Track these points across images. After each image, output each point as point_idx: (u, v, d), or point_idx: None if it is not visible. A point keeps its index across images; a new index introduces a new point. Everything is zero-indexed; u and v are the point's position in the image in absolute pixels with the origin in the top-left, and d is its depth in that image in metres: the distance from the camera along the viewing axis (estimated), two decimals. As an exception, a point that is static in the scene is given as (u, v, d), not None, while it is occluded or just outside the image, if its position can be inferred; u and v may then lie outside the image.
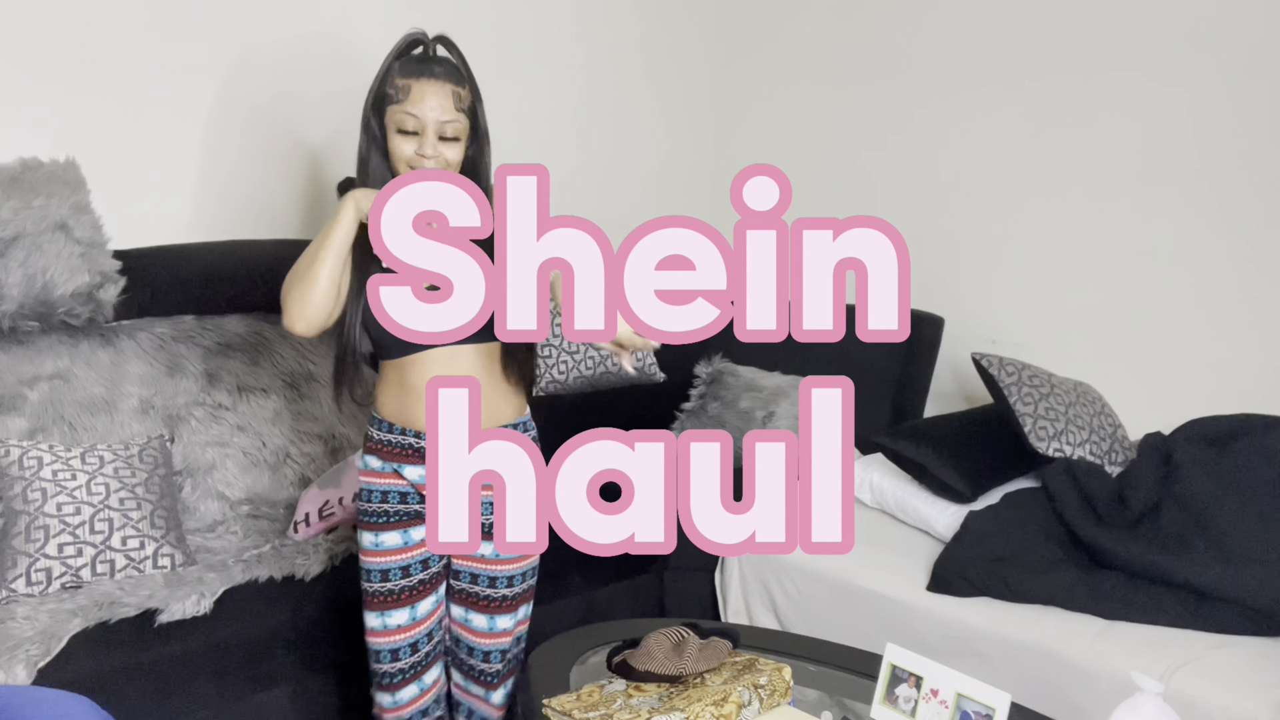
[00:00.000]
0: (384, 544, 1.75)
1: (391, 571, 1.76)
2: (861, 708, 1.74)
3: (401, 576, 1.76)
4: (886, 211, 3.35)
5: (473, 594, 1.79)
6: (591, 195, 3.54)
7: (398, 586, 1.76)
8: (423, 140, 1.66)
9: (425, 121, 1.66)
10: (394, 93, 1.67)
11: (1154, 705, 1.45)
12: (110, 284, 2.36)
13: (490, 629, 1.80)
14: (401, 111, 1.66)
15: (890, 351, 3.13)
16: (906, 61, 3.25)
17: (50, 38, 2.46)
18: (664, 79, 3.70)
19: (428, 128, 1.66)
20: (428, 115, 1.65)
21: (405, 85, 1.66)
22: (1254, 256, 2.59)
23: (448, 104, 1.67)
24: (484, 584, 1.78)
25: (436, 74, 1.67)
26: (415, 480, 1.74)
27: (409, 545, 1.76)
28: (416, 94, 1.65)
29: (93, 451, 2.19)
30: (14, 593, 2.00)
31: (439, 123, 1.66)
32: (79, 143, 2.45)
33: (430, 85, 1.66)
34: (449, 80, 1.68)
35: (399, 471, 1.75)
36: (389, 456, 1.75)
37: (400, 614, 1.77)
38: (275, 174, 2.85)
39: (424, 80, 1.66)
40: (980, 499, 2.49)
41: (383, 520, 1.75)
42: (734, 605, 2.67)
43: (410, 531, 1.76)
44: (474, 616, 1.80)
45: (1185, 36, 2.65)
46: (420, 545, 1.77)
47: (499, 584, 1.78)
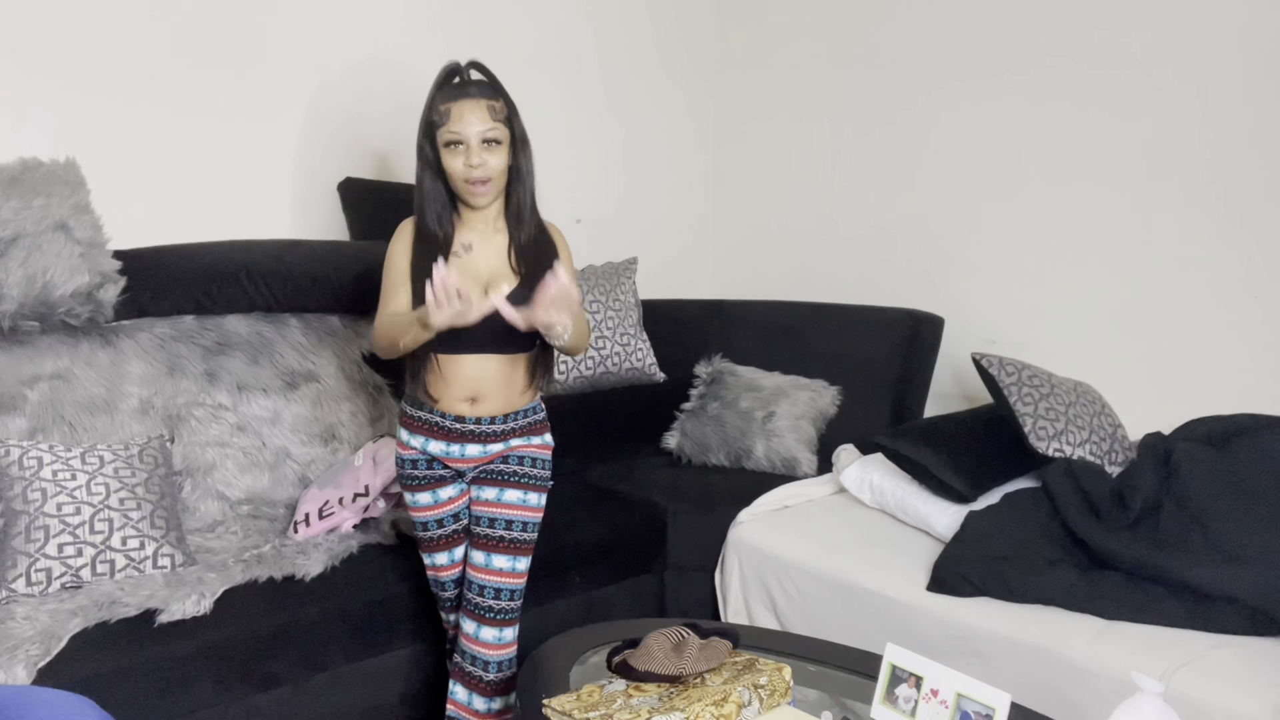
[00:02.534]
0: (419, 502, 2.08)
1: (429, 523, 2.09)
2: (861, 708, 1.74)
3: (437, 527, 2.09)
4: (887, 211, 3.36)
5: (496, 538, 2.04)
6: (592, 197, 3.55)
7: (434, 535, 2.10)
8: (468, 152, 1.91)
9: (467, 135, 1.90)
10: (439, 118, 1.92)
11: (1154, 705, 1.45)
12: (110, 284, 2.36)
13: (486, 565, 2.05)
14: (447, 131, 1.91)
15: (890, 351, 3.14)
16: (906, 61, 3.25)
17: (51, 38, 2.46)
18: (664, 82, 3.70)
19: (470, 140, 1.91)
20: (469, 130, 1.90)
21: (447, 109, 1.91)
22: (1254, 257, 2.59)
23: (485, 116, 1.91)
24: (500, 526, 2.05)
25: (472, 94, 1.92)
26: (438, 453, 2.03)
27: (438, 503, 2.07)
28: (457, 114, 1.90)
29: (93, 451, 2.19)
30: (14, 593, 2.00)
31: (479, 134, 1.91)
32: (79, 143, 2.46)
33: (468, 104, 1.91)
34: (483, 97, 1.92)
35: (424, 447, 2.04)
36: (418, 430, 2.04)
37: (440, 556, 2.11)
38: (275, 174, 2.86)
39: (462, 101, 1.91)
40: (980, 499, 2.49)
41: (414, 484, 2.07)
42: (734, 605, 2.67)
43: (438, 491, 2.06)
44: (475, 553, 2.06)
45: (1186, 35, 2.65)
46: (448, 504, 2.07)
47: (514, 528, 2.05)
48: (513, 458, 2.06)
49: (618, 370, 3.15)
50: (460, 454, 2.04)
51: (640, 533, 2.71)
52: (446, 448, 2.04)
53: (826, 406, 3.15)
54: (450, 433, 2.02)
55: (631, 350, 3.17)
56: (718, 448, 3.13)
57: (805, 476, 3.00)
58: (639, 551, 2.71)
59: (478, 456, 2.04)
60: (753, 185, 3.77)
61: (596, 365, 3.10)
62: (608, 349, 3.12)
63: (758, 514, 2.74)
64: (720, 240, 3.91)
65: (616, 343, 3.14)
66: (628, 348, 3.16)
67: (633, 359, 3.17)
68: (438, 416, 2.02)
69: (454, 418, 2.01)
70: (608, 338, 3.12)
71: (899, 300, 3.26)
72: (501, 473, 2.05)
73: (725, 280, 3.88)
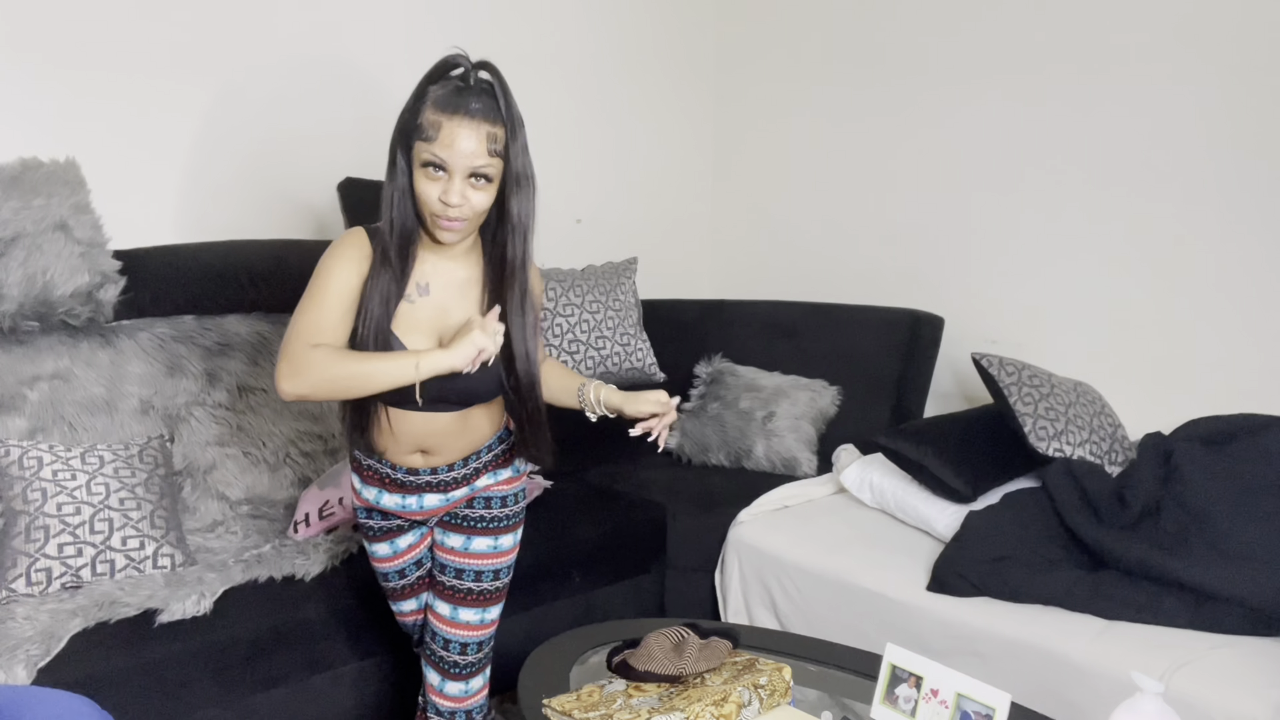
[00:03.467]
0: (378, 553, 1.88)
1: (390, 575, 1.90)
2: (861, 708, 1.75)
3: (398, 578, 1.90)
4: (887, 211, 3.36)
5: (448, 586, 1.82)
6: (592, 197, 3.55)
7: (398, 585, 1.91)
8: (449, 185, 1.54)
9: (453, 165, 1.53)
10: (424, 127, 1.53)
11: (1154, 705, 1.45)
12: (110, 284, 2.36)
13: (451, 618, 1.82)
14: (429, 151, 1.53)
15: (890, 351, 3.14)
16: (905, 62, 3.25)
17: (51, 38, 2.46)
18: (665, 82, 3.70)
19: (456, 171, 1.53)
20: (456, 160, 1.52)
21: (436, 122, 1.52)
22: (1254, 257, 2.59)
23: (480, 148, 1.53)
24: (469, 578, 1.80)
25: (472, 112, 1.53)
26: (393, 507, 1.79)
27: (397, 553, 1.87)
28: (447, 135, 1.52)
29: (93, 451, 2.19)
30: (14, 593, 2.00)
31: (468, 166, 1.53)
32: (79, 143, 2.46)
33: (463, 126, 1.52)
34: (484, 120, 1.53)
35: (377, 500, 1.79)
36: (370, 480, 1.79)
37: (408, 604, 1.93)
38: (275, 174, 2.85)
39: (457, 119, 1.52)
40: (980, 499, 2.49)
41: (370, 534, 1.87)
42: (734, 605, 2.67)
43: (396, 541, 1.85)
44: (440, 605, 1.83)
45: (1186, 35, 2.65)
46: (407, 551, 1.86)
47: (484, 578, 1.82)
48: (479, 500, 1.79)
49: (618, 370, 3.15)
50: (418, 506, 1.77)
51: (640, 533, 2.70)
52: (402, 500, 1.76)
53: (826, 406, 3.15)
54: (405, 485, 1.75)
55: (631, 350, 3.17)
56: (718, 448, 3.13)
57: (805, 476, 3.00)
58: (639, 551, 2.70)
59: (438, 506, 1.78)
60: (753, 185, 3.77)
61: (596, 365, 3.10)
62: (608, 349, 3.12)
63: (758, 514, 2.74)
64: (720, 240, 3.91)
65: (616, 343, 3.14)
66: (628, 348, 3.16)
67: (633, 359, 3.17)
68: (387, 468, 1.74)
69: (405, 470, 1.74)
70: (608, 338, 3.12)
71: (899, 300, 3.26)
72: (467, 518, 1.78)
73: (725, 280, 3.88)
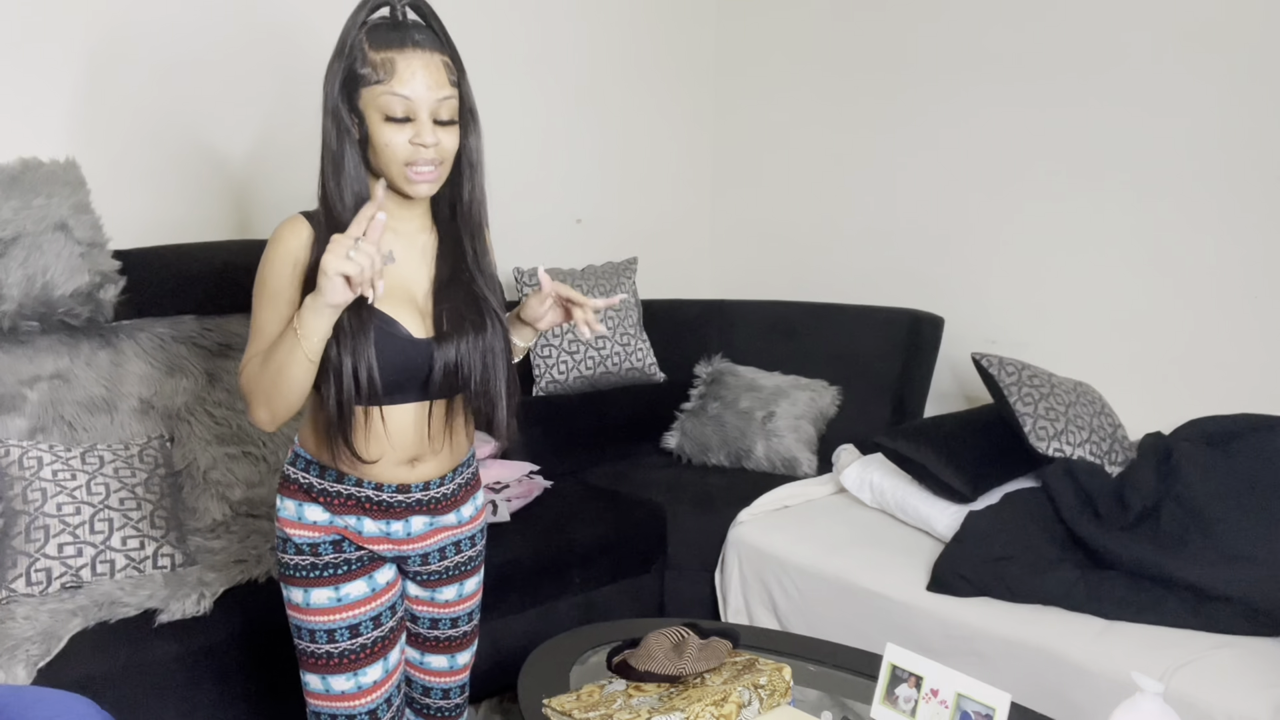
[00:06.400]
0: (350, 596, 1.50)
1: (362, 625, 1.51)
2: (861, 708, 1.75)
3: (374, 628, 1.53)
4: (886, 212, 3.36)
5: (432, 638, 1.65)
6: (592, 197, 3.55)
7: (370, 639, 1.52)
8: (419, 126, 1.37)
9: (418, 103, 1.36)
10: (370, 71, 1.35)
11: (1154, 705, 1.45)
12: (110, 284, 2.36)
13: (451, 667, 1.69)
14: (388, 94, 1.35)
15: (890, 351, 3.14)
16: (905, 63, 3.25)
17: (51, 37, 2.46)
18: (665, 82, 3.70)
19: (421, 110, 1.37)
20: (421, 94, 1.36)
21: (386, 60, 1.35)
22: (1254, 257, 2.59)
23: (441, 77, 1.37)
24: (445, 626, 1.65)
25: (420, 42, 1.36)
26: (372, 534, 1.51)
27: (376, 592, 1.52)
28: (404, 69, 1.34)
29: (93, 451, 2.19)
30: (14, 593, 2.00)
31: (435, 102, 1.37)
32: (79, 143, 2.45)
33: (417, 57, 1.35)
34: (435, 49, 1.38)
35: (358, 527, 1.51)
36: (344, 510, 1.50)
37: (374, 669, 1.53)
38: (275, 174, 2.85)
39: (409, 51, 1.35)
40: (980, 499, 2.49)
41: (342, 571, 1.50)
42: (734, 605, 2.67)
43: (375, 576, 1.52)
44: (433, 659, 1.67)
45: (1188, 36, 2.65)
46: (387, 590, 1.54)
47: (460, 623, 1.67)
48: (449, 547, 1.59)
49: (618, 370, 3.15)
50: (405, 533, 1.53)
51: (640, 533, 2.71)
52: (387, 527, 1.51)
53: (826, 406, 3.15)
54: (391, 508, 1.50)
55: (631, 350, 3.17)
56: (718, 448, 3.13)
57: (805, 476, 3.00)
58: (639, 551, 2.70)
59: (424, 532, 1.55)
60: (753, 185, 3.77)
61: (596, 365, 3.10)
62: (608, 349, 3.12)
63: (758, 514, 2.74)
64: (720, 240, 3.91)
65: (616, 343, 3.14)
66: (628, 348, 3.16)
67: (633, 359, 3.17)
68: (369, 490, 1.49)
69: (394, 488, 1.50)
70: (608, 338, 3.12)
71: (899, 300, 3.26)
72: (431, 572, 1.59)
73: (725, 280, 3.88)
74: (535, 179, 3.33)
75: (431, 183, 1.43)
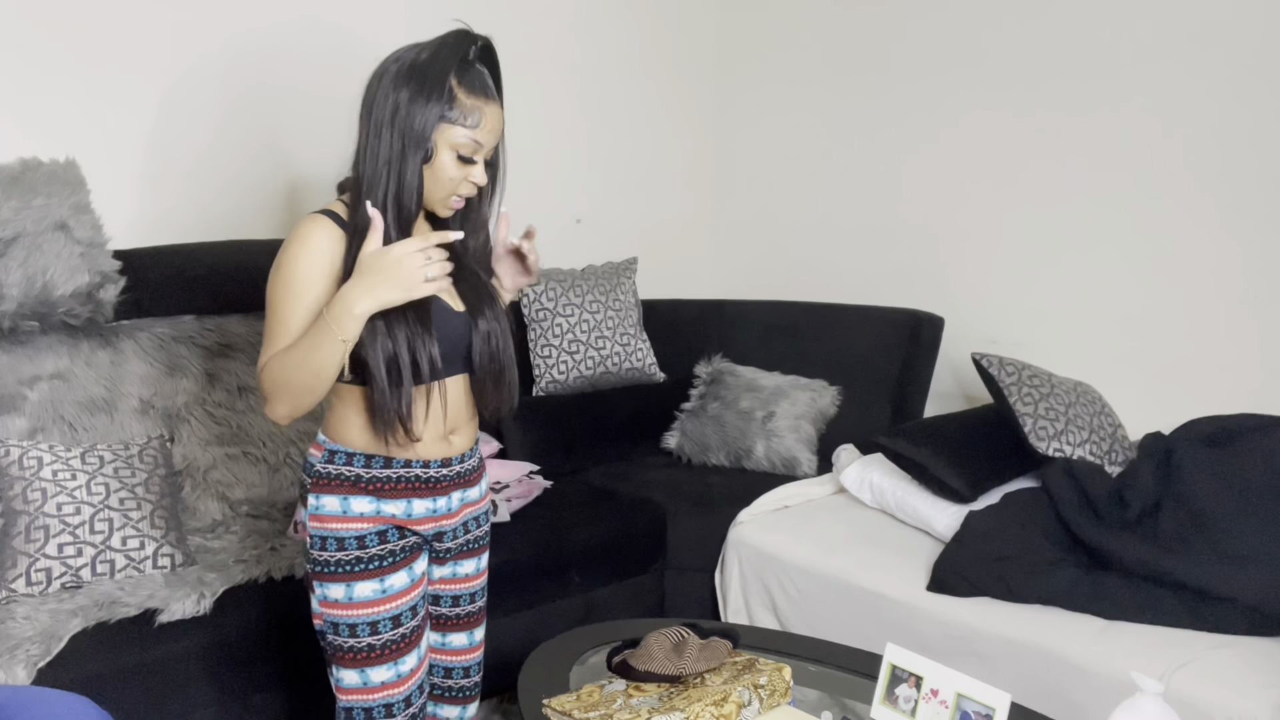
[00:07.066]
0: (394, 587, 1.54)
1: (403, 615, 1.56)
2: (861, 708, 1.75)
3: (411, 617, 1.58)
4: (887, 211, 3.36)
5: (453, 616, 1.73)
6: (592, 197, 3.55)
7: (409, 629, 1.57)
8: (478, 169, 1.53)
9: (486, 149, 1.53)
10: (460, 115, 1.48)
11: (1154, 705, 1.45)
12: (110, 284, 2.36)
13: (470, 644, 1.76)
14: (470, 139, 1.49)
15: (890, 351, 3.14)
16: (905, 62, 3.25)
17: (51, 37, 2.46)
18: (665, 82, 3.70)
19: (483, 154, 1.53)
20: (490, 144, 1.52)
21: (475, 107, 1.48)
22: (1254, 256, 2.59)
23: (501, 128, 1.53)
24: (465, 602, 1.74)
25: (497, 96, 1.53)
26: (421, 514, 1.56)
27: (415, 582, 1.58)
28: (487, 122, 1.50)
29: (93, 451, 2.19)
30: (14, 593, 2.00)
31: (492, 148, 1.55)
32: (79, 143, 2.46)
33: (495, 111, 1.51)
34: (500, 102, 1.54)
35: (408, 511, 1.56)
36: (395, 493, 1.54)
37: (411, 658, 1.58)
38: (276, 174, 2.85)
39: (493, 105, 1.51)
40: (980, 499, 2.49)
41: (388, 563, 1.53)
42: (734, 605, 2.67)
43: (414, 567, 1.58)
44: (455, 637, 1.74)
45: (1188, 36, 2.65)
46: (424, 579, 1.61)
47: (477, 598, 1.75)
48: (470, 521, 1.70)
49: (618, 370, 3.15)
50: (447, 508, 1.61)
51: (640, 533, 2.71)
52: (434, 504, 1.58)
53: (826, 406, 3.15)
54: (438, 484, 1.58)
55: (631, 350, 3.17)
56: (718, 448, 3.13)
57: (805, 476, 3.00)
58: (639, 551, 2.70)
59: (459, 508, 1.64)
60: (753, 185, 3.77)
61: (596, 365, 3.10)
62: (608, 349, 3.12)
63: (758, 514, 2.74)
64: (720, 240, 3.91)
65: (616, 343, 3.14)
66: (628, 348, 3.16)
67: (633, 359, 3.17)
68: (418, 469, 1.56)
69: (439, 463, 1.58)
70: (608, 338, 3.12)
71: (899, 300, 3.26)
72: (459, 545, 1.69)
73: (725, 280, 3.88)
74: (536, 179, 3.33)
75: (458, 210, 1.59)
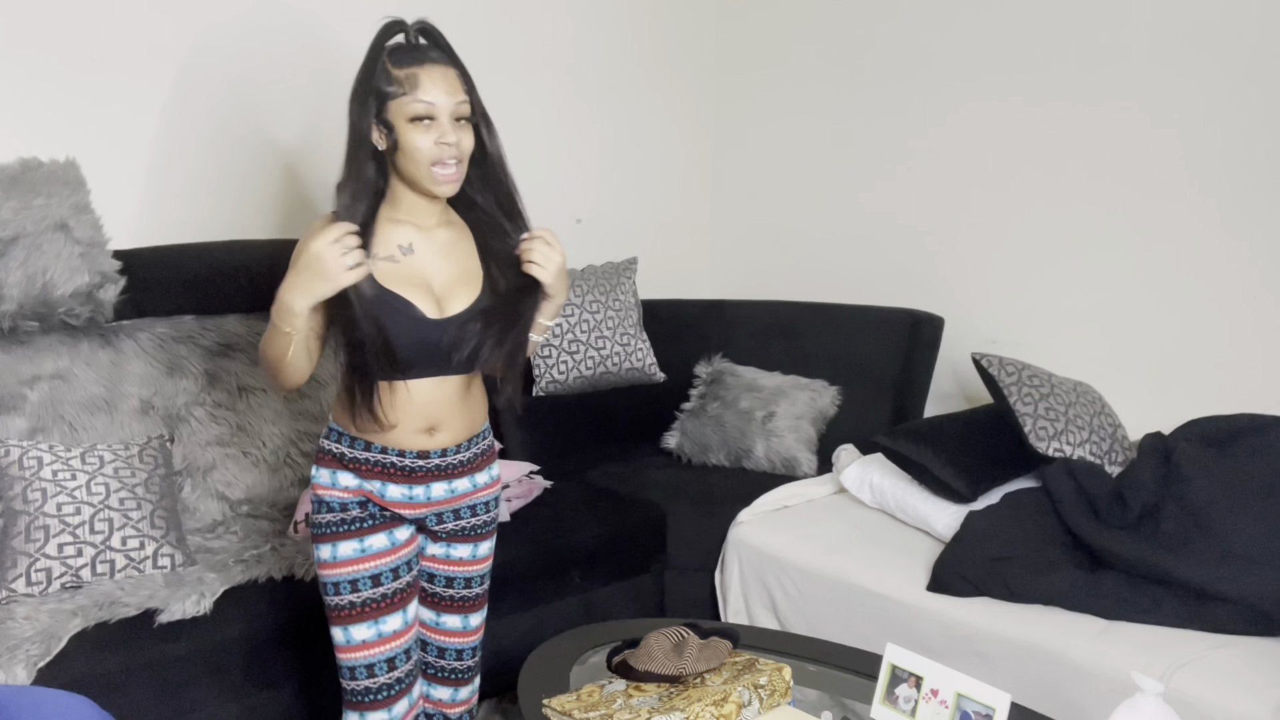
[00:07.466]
0: (372, 548, 1.66)
1: (383, 575, 1.67)
2: (861, 708, 1.75)
3: (393, 579, 1.68)
4: (886, 212, 3.36)
5: (446, 597, 1.79)
6: (592, 197, 3.55)
7: (390, 590, 1.68)
8: (441, 128, 1.56)
9: (439, 106, 1.56)
10: (396, 87, 1.55)
11: (1154, 705, 1.45)
12: (110, 284, 2.36)
13: (465, 628, 1.82)
14: (413, 101, 1.55)
15: (890, 351, 3.14)
16: (905, 61, 3.25)
17: (50, 37, 2.46)
18: (665, 82, 3.70)
19: (441, 113, 1.56)
20: (441, 100, 1.56)
21: (409, 75, 1.55)
22: (1254, 256, 2.59)
23: (455, 85, 1.58)
24: (459, 586, 1.79)
25: (435, 59, 1.58)
26: (395, 499, 1.67)
27: (395, 546, 1.68)
28: (426, 80, 1.55)
29: (93, 451, 2.19)
30: (14, 593, 2.00)
31: (453, 105, 1.57)
32: (79, 143, 2.45)
33: (435, 70, 1.56)
34: (448, 64, 1.59)
35: (381, 492, 1.67)
36: (371, 474, 1.66)
37: (394, 619, 1.68)
38: (275, 173, 2.85)
39: (427, 66, 1.56)
40: (980, 499, 2.49)
41: (362, 525, 1.66)
42: (734, 605, 2.67)
43: (395, 532, 1.68)
44: (448, 618, 1.80)
45: (1187, 36, 2.65)
46: (407, 544, 1.70)
47: (474, 584, 1.81)
48: (464, 509, 1.76)
49: (618, 370, 3.15)
50: (425, 497, 1.69)
51: (640, 533, 2.71)
52: (409, 491, 1.68)
53: (826, 406, 3.15)
54: (413, 473, 1.67)
55: (631, 350, 3.17)
56: (718, 448, 3.13)
57: (805, 476, 3.00)
58: (639, 551, 2.71)
59: (443, 499, 1.71)
60: (753, 185, 3.77)
61: (596, 365, 3.10)
62: (608, 349, 3.12)
63: (758, 514, 2.74)
64: (720, 240, 3.91)
65: (616, 343, 3.14)
66: (628, 348, 3.16)
67: (633, 359, 3.17)
68: (394, 456, 1.66)
69: (415, 454, 1.66)
70: (608, 338, 3.12)
71: (899, 300, 3.26)
72: (447, 530, 1.75)
73: (725, 280, 3.88)
74: (535, 179, 3.31)
75: (454, 183, 1.61)
